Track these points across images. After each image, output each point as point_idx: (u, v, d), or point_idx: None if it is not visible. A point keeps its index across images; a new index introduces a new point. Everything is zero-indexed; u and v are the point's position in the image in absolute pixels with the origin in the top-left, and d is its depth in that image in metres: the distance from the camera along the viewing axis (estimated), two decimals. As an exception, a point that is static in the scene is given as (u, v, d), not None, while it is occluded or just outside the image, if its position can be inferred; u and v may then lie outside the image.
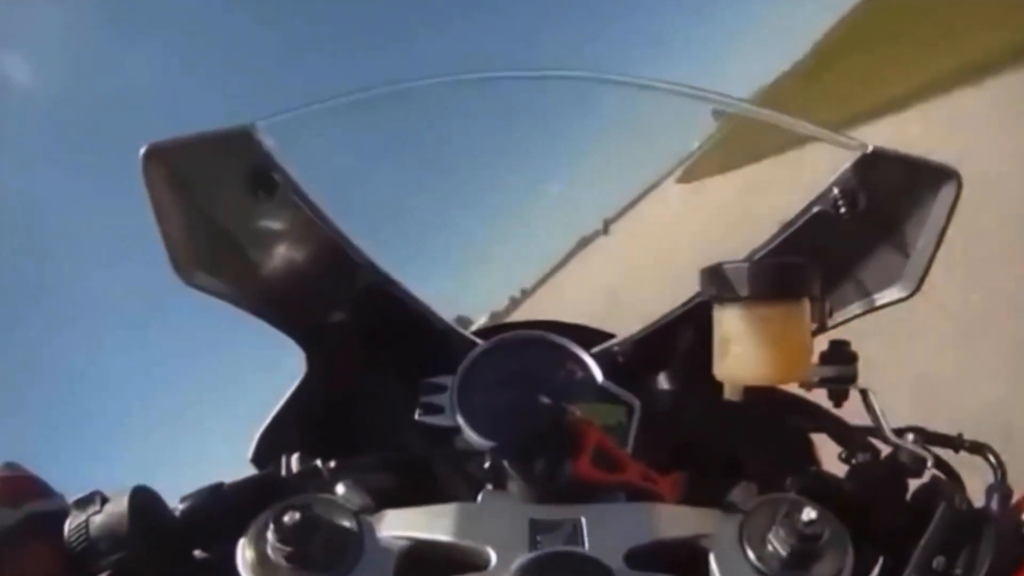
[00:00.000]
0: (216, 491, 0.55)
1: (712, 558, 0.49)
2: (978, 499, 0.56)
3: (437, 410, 0.76)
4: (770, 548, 0.48)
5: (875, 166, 0.62)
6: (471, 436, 0.74)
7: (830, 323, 0.54)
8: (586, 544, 0.48)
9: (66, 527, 0.50)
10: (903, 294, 0.67)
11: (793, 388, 0.52)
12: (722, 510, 0.53)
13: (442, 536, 0.49)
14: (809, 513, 0.47)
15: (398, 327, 0.78)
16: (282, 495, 0.52)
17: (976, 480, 0.57)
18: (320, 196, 0.69)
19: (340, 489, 0.55)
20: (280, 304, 0.74)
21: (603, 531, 0.49)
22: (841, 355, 0.49)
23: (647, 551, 0.48)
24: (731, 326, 0.48)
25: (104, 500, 0.52)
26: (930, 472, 0.57)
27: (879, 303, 0.69)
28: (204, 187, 0.63)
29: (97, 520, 0.50)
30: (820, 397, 0.59)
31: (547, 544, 0.48)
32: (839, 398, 0.52)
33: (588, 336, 0.83)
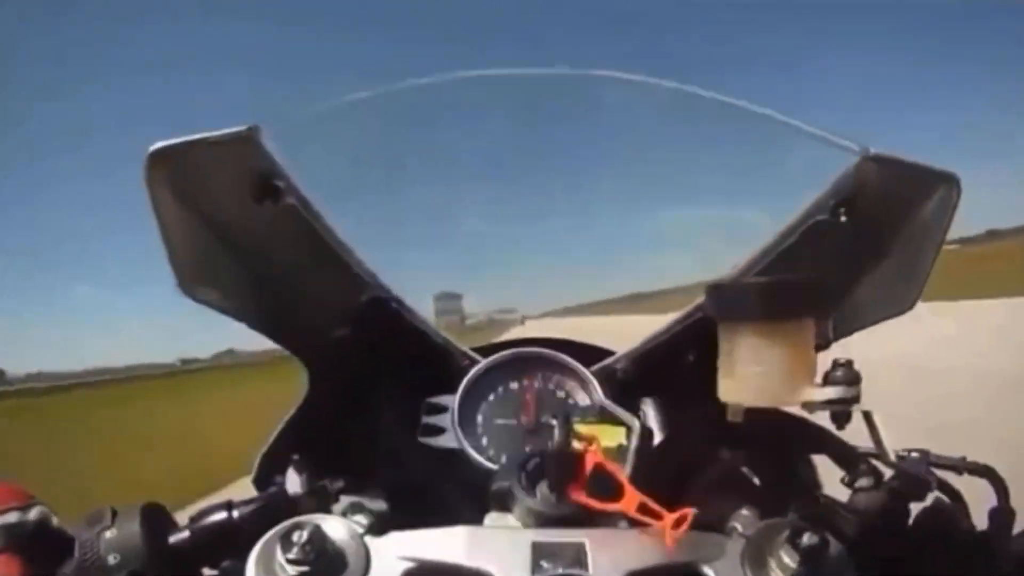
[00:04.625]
0: (225, 509, 0.55)
1: None
2: (982, 522, 0.56)
3: (438, 431, 0.76)
4: (772, 573, 0.48)
5: (874, 170, 0.61)
6: (473, 457, 0.74)
7: (832, 339, 0.54)
8: (589, 569, 0.47)
9: (76, 542, 0.51)
10: (902, 305, 0.66)
11: (795, 410, 0.51)
12: (724, 535, 0.53)
13: (446, 559, 0.49)
14: (811, 538, 0.47)
15: (400, 343, 0.78)
16: (290, 514, 0.52)
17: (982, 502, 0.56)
18: (323, 207, 0.69)
19: (347, 509, 0.55)
20: (282, 318, 0.73)
21: (605, 555, 0.48)
22: (844, 376, 0.48)
23: (649, 575, 0.48)
24: (735, 345, 0.48)
25: (114, 515, 0.52)
26: (933, 495, 0.57)
27: (878, 316, 0.69)
28: (208, 194, 0.63)
29: (107, 536, 0.50)
30: (822, 419, 0.58)
31: (550, 568, 0.47)
32: (842, 420, 0.51)
33: (587, 353, 0.83)
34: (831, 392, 0.47)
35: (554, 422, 0.55)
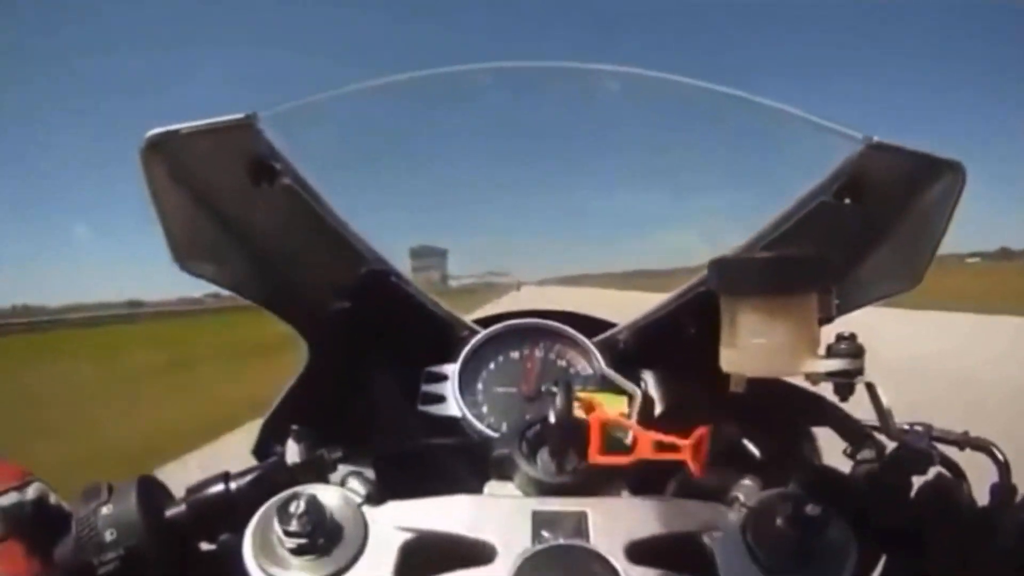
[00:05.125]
0: (222, 481, 0.55)
1: (715, 553, 0.49)
2: (983, 498, 0.56)
3: (439, 399, 0.76)
4: (773, 544, 0.48)
5: (877, 158, 0.62)
6: (473, 425, 0.74)
7: (835, 314, 0.53)
8: (590, 537, 0.47)
9: (72, 519, 0.50)
10: (905, 285, 0.66)
11: (798, 381, 0.51)
12: (725, 505, 0.53)
13: (446, 528, 0.49)
14: (813, 509, 0.47)
15: (400, 316, 0.78)
16: (287, 485, 0.52)
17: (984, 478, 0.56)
18: (322, 186, 0.69)
19: (345, 479, 0.55)
20: (282, 292, 0.73)
21: (606, 524, 0.49)
22: (848, 349, 0.48)
23: (650, 544, 0.48)
24: (738, 318, 0.47)
25: (110, 490, 0.52)
26: (935, 469, 0.57)
27: (881, 294, 0.68)
28: (205, 177, 0.63)
29: (104, 511, 0.50)
30: (826, 391, 0.58)
31: (551, 538, 0.47)
32: (845, 392, 0.51)
33: (588, 325, 0.83)
34: (834, 364, 0.47)
35: (555, 389, 0.55)
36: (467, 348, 0.80)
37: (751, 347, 0.47)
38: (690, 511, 0.52)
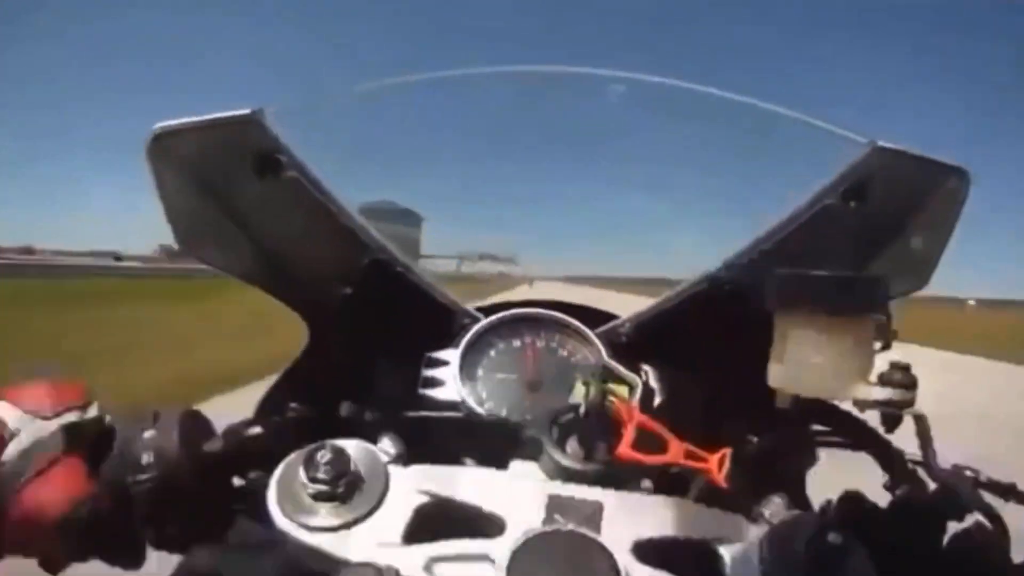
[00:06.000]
0: (260, 425, 0.57)
1: (727, 564, 0.48)
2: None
3: (439, 384, 0.76)
4: (787, 564, 0.47)
5: (882, 161, 0.62)
6: (473, 410, 0.74)
7: (892, 342, 0.52)
8: (601, 528, 0.47)
9: (116, 440, 0.53)
10: (912, 286, 0.67)
11: (845, 405, 0.50)
12: (749, 518, 0.52)
13: (463, 498, 0.50)
14: (835, 537, 0.46)
15: (402, 302, 0.79)
16: (323, 436, 0.53)
17: None
18: (325, 177, 0.71)
19: (379, 438, 0.56)
20: (283, 277, 0.75)
21: (621, 518, 0.48)
22: (902, 379, 0.47)
23: (660, 545, 0.48)
24: (794, 333, 0.46)
25: (156, 417, 0.54)
26: (974, 517, 0.54)
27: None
28: (210, 170, 0.65)
29: (146, 435, 0.52)
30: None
31: (561, 523, 0.47)
32: (892, 423, 0.49)
33: (590, 316, 0.83)
34: (886, 393, 0.46)
35: (590, 380, 0.55)
36: (469, 334, 0.80)
37: (805, 366, 0.46)
38: (709, 518, 0.51)
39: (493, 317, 0.82)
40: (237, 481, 0.57)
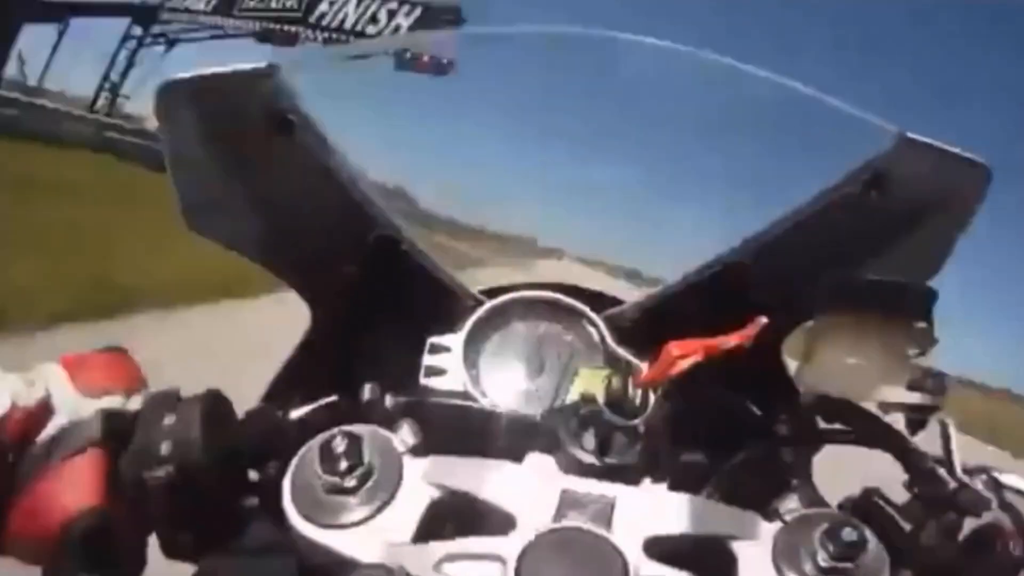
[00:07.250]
0: (280, 410, 0.56)
1: (739, 563, 0.48)
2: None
3: (441, 372, 0.75)
4: (803, 563, 0.47)
5: (907, 152, 0.62)
6: (476, 397, 0.74)
7: (930, 349, 0.51)
8: (612, 526, 0.47)
9: (137, 422, 0.51)
10: (922, 277, 0.67)
11: (870, 404, 0.49)
12: (765, 516, 0.52)
13: (476, 492, 0.49)
14: (850, 534, 0.46)
15: (406, 282, 0.77)
16: (343, 423, 0.52)
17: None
18: (338, 145, 0.68)
19: (398, 426, 0.55)
20: (286, 254, 0.74)
21: (632, 515, 0.48)
22: (933, 385, 0.46)
23: (674, 542, 0.48)
24: (831, 334, 0.46)
25: (178, 400, 0.52)
26: (992, 514, 0.55)
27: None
28: (221, 124, 0.63)
29: (167, 422, 0.50)
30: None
31: (571, 520, 0.47)
32: (916, 427, 0.49)
33: (595, 300, 0.81)
34: (916, 397, 0.45)
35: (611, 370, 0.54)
36: (472, 320, 0.78)
37: (839, 365, 0.45)
38: (724, 515, 0.51)
39: (496, 301, 0.80)
40: (253, 473, 0.56)
